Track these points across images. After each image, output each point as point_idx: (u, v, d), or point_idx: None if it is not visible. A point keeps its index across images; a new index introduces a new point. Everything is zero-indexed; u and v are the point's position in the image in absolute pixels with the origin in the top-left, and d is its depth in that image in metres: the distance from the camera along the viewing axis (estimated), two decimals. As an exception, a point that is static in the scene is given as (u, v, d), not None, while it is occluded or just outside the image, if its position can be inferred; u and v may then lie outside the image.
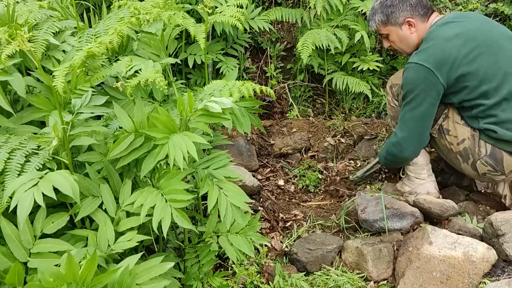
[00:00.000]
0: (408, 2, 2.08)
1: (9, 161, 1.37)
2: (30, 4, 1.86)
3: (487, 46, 1.93)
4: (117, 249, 1.39)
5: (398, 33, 2.13)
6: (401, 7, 2.08)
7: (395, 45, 2.20)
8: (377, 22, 2.16)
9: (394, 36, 2.16)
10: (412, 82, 1.98)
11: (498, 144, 1.94)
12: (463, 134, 2.01)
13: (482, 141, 1.97)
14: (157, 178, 1.51)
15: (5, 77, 1.50)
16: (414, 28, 2.09)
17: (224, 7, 2.10)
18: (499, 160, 1.96)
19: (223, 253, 1.90)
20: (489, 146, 1.96)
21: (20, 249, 1.34)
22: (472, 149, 2.00)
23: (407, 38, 2.13)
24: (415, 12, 2.08)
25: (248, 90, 1.60)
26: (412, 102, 2.00)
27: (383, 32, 2.19)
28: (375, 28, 2.20)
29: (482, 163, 1.99)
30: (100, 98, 1.57)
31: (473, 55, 1.91)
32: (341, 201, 2.47)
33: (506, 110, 1.91)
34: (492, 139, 1.95)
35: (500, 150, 1.95)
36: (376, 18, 2.15)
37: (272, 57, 3.26)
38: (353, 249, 1.96)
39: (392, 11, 2.10)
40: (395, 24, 2.11)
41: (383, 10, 2.12)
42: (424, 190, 2.23)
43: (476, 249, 1.80)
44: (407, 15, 2.08)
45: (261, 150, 2.86)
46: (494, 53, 1.92)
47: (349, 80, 2.95)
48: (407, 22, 2.09)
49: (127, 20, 1.68)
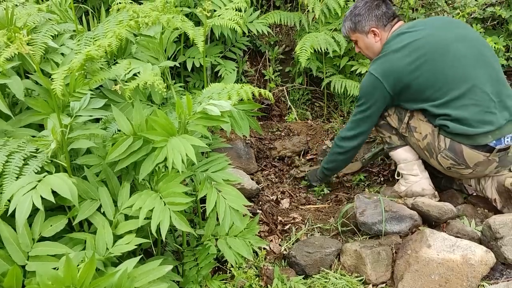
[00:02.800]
0: (373, 13, 2.27)
1: (7, 164, 1.37)
2: (29, 7, 1.86)
3: (433, 52, 2.06)
4: (116, 252, 1.39)
5: (364, 40, 2.32)
6: (367, 17, 2.27)
7: (362, 52, 2.39)
8: (347, 29, 2.36)
9: (361, 43, 2.35)
10: (364, 88, 2.20)
11: (456, 138, 2.05)
12: (426, 130, 2.14)
13: (441, 136, 2.09)
14: (156, 181, 1.51)
15: (4, 80, 1.50)
16: (379, 37, 2.27)
17: (222, 10, 2.11)
18: (459, 153, 2.05)
19: (222, 256, 1.90)
20: (447, 140, 2.07)
21: (18, 252, 1.34)
22: (433, 144, 2.13)
23: (372, 45, 2.31)
24: (379, 22, 2.26)
25: (246, 93, 1.60)
26: (363, 106, 2.22)
27: (352, 39, 2.39)
28: (346, 34, 2.39)
29: (443, 157, 2.10)
30: (98, 101, 1.57)
31: (416, 64, 2.06)
32: (340, 204, 2.47)
33: (455, 108, 2.02)
34: (448, 133, 2.06)
35: (459, 143, 2.04)
36: (346, 24, 2.36)
37: (270, 60, 3.26)
38: (351, 252, 1.96)
39: (359, 20, 2.29)
40: (362, 32, 2.30)
41: (351, 18, 2.32)
42: (419, 187, 2.28)
43: (475, 252, 1.80)
44: (372, 25, 2.27)
45: (259, 153, 2.87)
46: (439, 58, 2.05)
47: (347, 83, 2.96)
48: (372, 31, 2.28)
49: (126, 23, 1.69)
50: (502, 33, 3.08)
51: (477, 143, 2.01)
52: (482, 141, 2.00)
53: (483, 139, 2.00)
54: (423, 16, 3.01)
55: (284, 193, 2.62)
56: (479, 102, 2.01)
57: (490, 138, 1.99)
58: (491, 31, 3.12)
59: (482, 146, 2.01)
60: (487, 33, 3.06)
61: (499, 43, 2.92)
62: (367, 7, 2.28)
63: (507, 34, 3.06)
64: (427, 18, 2.60)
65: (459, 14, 2.91)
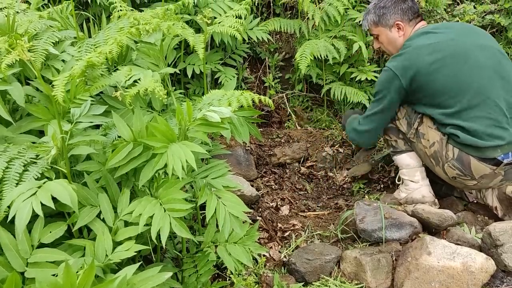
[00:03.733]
0: (399, 6, 2.22)
1: (7, 170, 1.37)
2: (30, 14, 1.87)
3: (452, 57, 2.03)
4: (115, 259, 1.38)
5: (387, 34, 2.27)
6: (392, 10, 2.22)
7: (383, 47, 2.34)
8: (369, 22, 2.30)
9: (384, 38, 2.29)
10: (381, 83, 2.15)
11: (464, 149, 2.02)
12: (434, 138, 2.11)
13: (450, 145, 2.06)
14: (156, 188, 1.51)
15: (4, 87, 1.50)
16: (403, 31, 2.23)
17: (223, 17, 2.12)
18: (466, 164, 2.03)
19: (221, 263, 1.90)
20: (456, 150, 2.04)
21: (17, 259, 1.33)
22: (440, 152, 2.09)
23: (395, 40, 2.26)
24: (405, 16, 2.22)
25: (246, 99, 1.60)
26: (379, 101, 2.18)
27: (374, 33, 2.33)
28: (367, 27, 2.33)
29: (450, 167, 2.07)
30: (99, 107, 1.57)
31: (435, 66, 2.02)
32: (340, 211, 2.47)
33: (466, 120, 1.99)
34: (458, 143, 2.03)
35: (468, 155, 2.01)
36: (369, 18, 2.30)
37: (270, 67, 3.28)
38: (351, 259, 1.96)
39: (384, 13, 2.24)
40: (386, 26, 2.25)
41: (375, 11, 2.26)
42: (419, 194, 2.27)
43: (475, 259, 1.79)
44: (397, 18, 2.22)
45: (259, 160, 2.87)
46: (458, 64, 2.02)
47: (347, 90, 2.96)
48: (397, 25, 2.23)
49: (126, 30, 1.69)
50: (501, 40, 3.09)
51: (485, 156, 1.98)
52: (490, 154, 1.98)
53: (492, 153, 1.97)
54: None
55: (284, 199, 2.62)
56: (491, 116, 1.98)
57: (499, 152, 1.97)
58: (490, 39, 3.13)
59: (490, 159, 1.98)
60: (486, 40, 3.07)
61: (498, 50, 2.93)
62: (393, 0, 2.23)
63: (506, 42, 3.08)
64: (450, 22, 2.56)
65: (458, 22, 2.93)
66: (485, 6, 3.05)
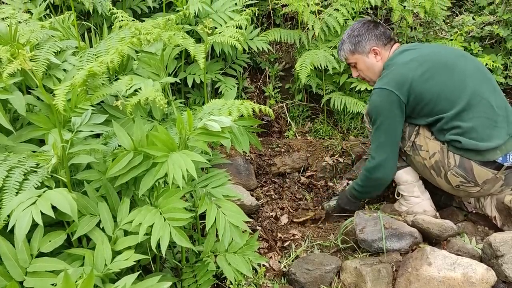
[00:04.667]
0: (373, 32, 2.28)
1: (7, 179, 1.37)
2: (32, 24, 1.88)
3: (441, 65, 2.09)
4: (114, 269, 1.38)
5: (365, 61, 2.32)
6: (367, 37, 2.28)
7: (363, 74, 2.37)
8: (346, 51, 2.35)
9: (362, 65, 2.33)
10: (379, 105, 2.13)
11: (465, 154, 2.02)
12: (434, 148, 2.10)
13: (451, 153, 2.06)
14: (156, 197, 1.51)
15: (6, 96, 1.51)
16: (380, 56, 2.28)
17: (223, 27, 2.13)
18: (469, 170, 2.03)
19: (221, 273, 1.89)
20: (457, 157, 2.04)
21: (16, 268, 1.33)
22: (442, 161, 2.08)
23: (373, 65, 2.30)
24: (379, 41, 2.28)
25: (247, 109, 1.61)
26: (383, 125, 2.13)
27: (351, 61, 2.37)
28: (344, 57, 2.38)
29: (453, 174, 2.07)
30: (99, 116, 1.58)
31: (428, 74, 2.06)
32: (340, 221, 2.46)
33: (466, 120, 2.01)
34: (459, 149, 2.03)
35: (469, 160, 2.02)
36: (345, 47, 2.34)
37: (270, 77, 3.29)
38: (351, 269, 1.95)
39: (359, 40, 2.30)
40: (362, 53, 2.31)
41: (350, 40, 2.32)
42: (420, 209, 2.25)
43: (476, 270, 1.79)
44: (372, 44, 2.28)
45: (259, 169, 2.86)
46: (448, 71, 2.08)
47: (347, 100, 2.97)
48: (373, 51, 2.28)
49: (128, 40, 1.71)
50: (500, 51, 3.11)
51: (486, 159, 2.00)
52: (491, 157, 1.99)
53: (492, 155, 1.99)
54: (421, 34, 3.05)
55: (283, 209, 2.61)
56: (487, 115, 2.02)
57: (499, 154, 1.99)
58: (489, 50, 3.15)
59: (491, 162, 2.00)
60: (485, 51, 3.09)
61: (497, 61, 2.95)
62: (366, 27, 2.30)
63: (505, 53, 3.09)
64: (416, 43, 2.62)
65: (457, 33, 2.95)
66: (484, 17, 3.07)
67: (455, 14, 3.30)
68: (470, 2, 3.38)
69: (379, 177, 2.22)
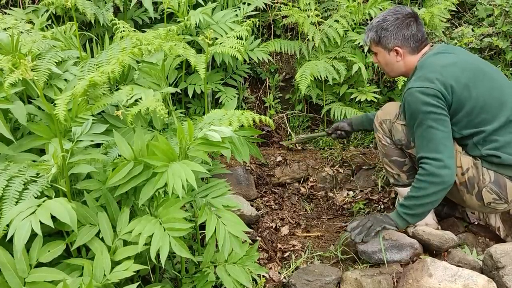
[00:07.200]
0: (401, 32, 2.11)
1: (7, 189, 1.37)
2: (34, 34, 1.90)
3: (481, 76, 1.98)
4: (113, 279, 1.37)
5: (385, 56, 2.18)
6: (394, 35, 2.11)
7: (380, 65, 2.26)
8: (370, 38, 2.19)
9: (381, 58, 2.20)
10: (424, 104, 1.93)
11: (500, 170, 1.94)
12: (467, 163, 1.98)
13: (485, 169, 1.96)
14: (156, 207, 1.51)
15: (6, 105, 1.52)
16: (401, 57, 2.13)
17: (224, 38, 2.14)
18: (503, 186, 1.95)
19: (220, 284, 1.87)
20: (491, 172, 1.95)
21: (15, 278, 1.32)
22: (477, 178, 1.97)
23: (392, 64, 2.18)
24: (405, 43, 2.11)
25: (247, 119, 1.61)
26: (435, 122, 1.93)
27: (373, 49, 2.23)
28: (367, 43, 2.24)
29: (488, 191, 1.96)
30: (100, 126, 1.58)
31: (471, 84, 1.94)
32: (340, 232, 2.46)
33: (504, 135, 1.94)
34: (494, 165, 1.94)
35: (503, 176, 1.95)
36: (370, 34, 2.19)
37: (271, 88, 3.30)
38: (352, 280, 1.94)
39: (385, 35, 2.13)
40: (385, 48, 2.15)
41: (377, 30, 2.15)
42: (422, 222, 2.21)
43: (476, 281, 1.77)
44: (397, 44, 2.11)
45: (259, 180, 2.86)
46: (487, 83, 1.97)
47: (347, 110, 2.98)
48: (395, 50, 2.13)
49: (129, 50, 1.72)
50: (499, 62, 3.13)
51: None
52: None
53: None
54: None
55: (283, 219, 2.60)
56: None
57: None
58: (489, 61, 3.16)
59: None
60: (484, 62, 3.10)
61: (497, 72, 2.96)
62: (397, 25, 2.11)
63: (504, 64, 3.11)
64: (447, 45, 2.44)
65: (456, 45, 2.96)
66: (483, 29, 3.09)
67: (455, 26, 3.31)
68: (469, 14, 3.40)
69: (445, 181, 1.92)
